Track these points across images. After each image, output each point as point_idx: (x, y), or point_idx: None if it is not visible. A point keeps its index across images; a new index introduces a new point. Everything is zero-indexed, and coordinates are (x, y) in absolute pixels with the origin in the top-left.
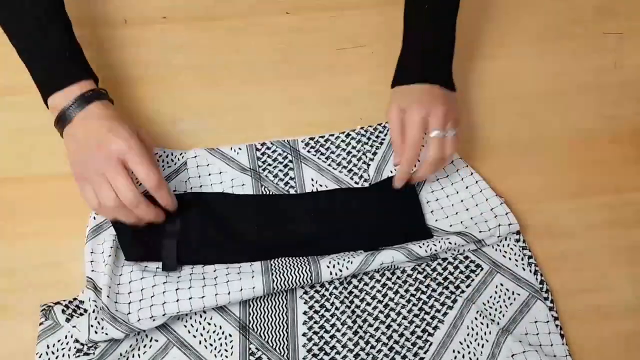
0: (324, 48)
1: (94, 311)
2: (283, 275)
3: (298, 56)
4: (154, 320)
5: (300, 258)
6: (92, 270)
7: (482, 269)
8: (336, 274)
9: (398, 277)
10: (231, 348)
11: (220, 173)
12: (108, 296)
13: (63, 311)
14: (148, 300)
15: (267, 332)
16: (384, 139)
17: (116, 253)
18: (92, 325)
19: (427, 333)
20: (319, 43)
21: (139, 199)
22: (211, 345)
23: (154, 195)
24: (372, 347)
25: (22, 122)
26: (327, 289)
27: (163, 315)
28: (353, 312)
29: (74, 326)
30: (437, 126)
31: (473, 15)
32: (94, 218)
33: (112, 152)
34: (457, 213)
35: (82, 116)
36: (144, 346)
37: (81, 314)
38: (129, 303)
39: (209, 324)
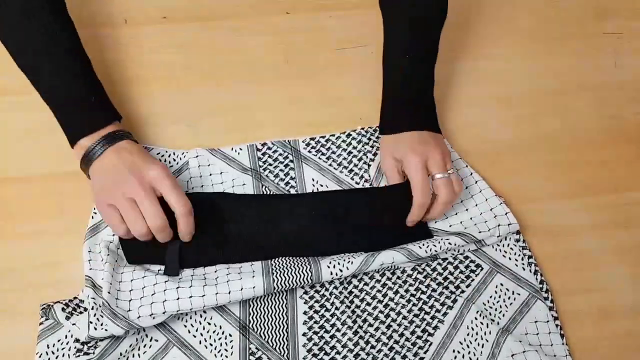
0: (324, 48)
1: (92, 308)
2: (283, 275)
3: (298, 56)
4: (153, 318)
5: (301, 258)
6: (90, 269)
7: (482, 269)
8: (336, 274)
9: (398, 277)
10: (231, 348)
11: (221, 173)
12: (109, 292)
13: (63, 309)
14: (149, 297)
15: (267, 332)
16: None
17: (116, 251)
18: (91, 322)
19: (427, 333)
20: (319, 43)
21: (165, 225)
22: (211, 345)
23: (179, 221)
24: (372, 347)
25: (22, 122)
26: (327, 289)
27: (163, 313)
28: (353, 312)
29: (73, 324)
30: (439, 169)
31: (473, 15)
32: (92, 217)
33: (147, 178)
34: (456, 213)
35: (113, 150)
36: (144, 346)
37: (81, 313)
38: (130, 300)
39: (209, 323)
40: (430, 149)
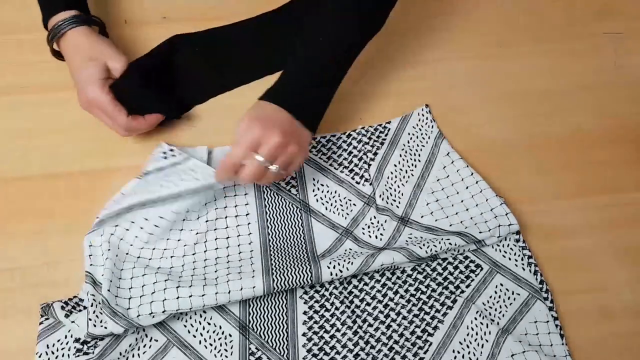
0: None
1: (92, 305)
2: (283, 275)
3: None
4: (153, 317)
5: (301, 258)
6: (91, 265)
7: (482, 269)
8: (336, 275)
9: (398, 277)
10: (231, 348)
11: None
12: (109, 290)
13: (62, 308)
14: (148, 296)
15: (267, 332)
16: (384, 139)
17: (118, 247)
18: (90, 319)
19: (426, 333)
20: None
21: (129, 123)
22: (211, 345)
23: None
24: (372, 347)
25: (22, 122)
26: (327, 289)
27: (163, 312)
28: (353, 312)
29: (73, 322)
30: (265, 154)
31: (473, 16)
32: (97, 217)
33: (87, 100)
34: (457, 213)
35: (63, 41)
36: (144, 346)
37: (80, 311)
38: (130, 298)
39: (209, 323)
40: (287, 136)
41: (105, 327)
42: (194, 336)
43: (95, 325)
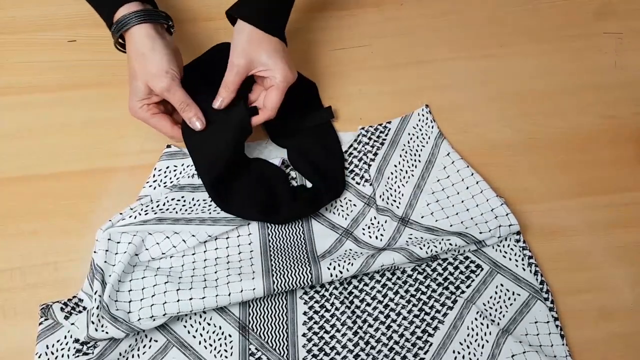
0: (324, 48)
1: (97, 307)
2: (283, 276)
3: (298, 56)
4: (154, 320)
5: (301, 259)
6: (105, 262)
7: (482, 270)
8: (337, 276)
9: (398, 278)
10: (231, 348)
11: None
12: (109, 296)
13: (62, 309)
14: (149, 299)
15: (267, 333)
16: (384, 139)
17: (134, 253)
18: (92, 322)
19: (427, 333)
20: (319, 43)
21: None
22: (211, 345)
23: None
24: (372, 347)
25: (23, 122)
26: (327, 289)
27: (163, 315)
28: (353, 312)
29: (72, 323)
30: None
31: (473, 15)
32: (121, 214)
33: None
34: (457, 213)
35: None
36: (144, 346)
37: (80, 312)
38: (130, 302)
39: (209, 324)
40: (289, 70)
41: (107, 332)
42: (194, 336)
43: (97, 330)
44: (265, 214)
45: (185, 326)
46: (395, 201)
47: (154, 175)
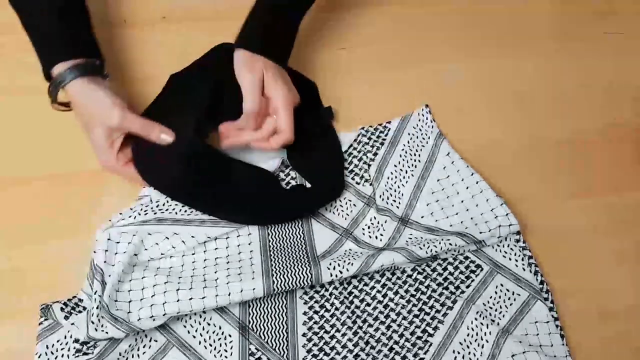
0: (324, 48)
1: (97, 307)
2: (283, 276)
3: (298, 56)
4: (154, 320)
5: (301, 259)
6: (105, 261)
7: (482, 270)
8: (336, 276)
9: (398, 278)
10: (231, 348)
11: None
12: (109, 296)
13: (62, 309)
14: (149, 299)
15: (267, 333)
16: (384, 139)
17: (133, 253)
18: (92, 322)
19: (426, 334)
20: (319, 43)
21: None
22: (211, 345)
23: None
24: (372, 347)
25: (23, 122)
26: (327, 289)
27: (163, 315)
28: (353, 312)
29: (72, 323)
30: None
31: (473, 16)
32: (120, 214)
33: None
34: (457, 213)
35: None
36: (144, 346)
37: (80, 312)
38: (130, 302)
39: (209, 324)
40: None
41: (107, 332)
42: (194, 337)
43: (96, 330)
44: (258, 216)
45: (185, 326)
46: (395, 201)
47: None
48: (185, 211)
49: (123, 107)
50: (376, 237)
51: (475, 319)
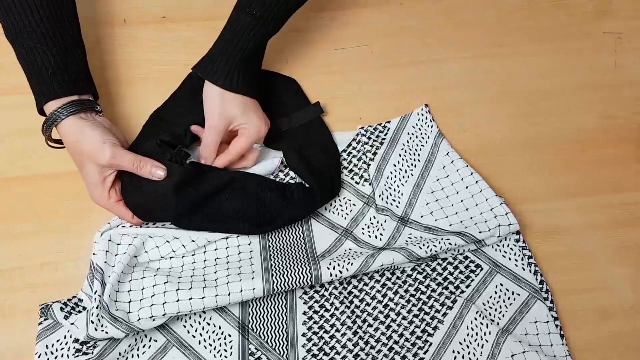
0: (324, 48)
1: (97, 307)
2: (283, 276)
3: (298, 56)
4: (154, 320)
5: (301, 259)
6: (105, 262)
7: (482, 269)
8: (336, 276)
9: (398, 278)
10: (231, 348)
11: None
12: (109, 296)
13: (62, 309)
14: (149, 300)
15: (267, 333)
16: (384, 139)
17: (134, 254)
18: (92, 322)
19: (426, 333)
20: (319, 43)
21: (130, 216)
22: (211, 345)
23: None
24: (372, 347)
25: (22, 122)
26: (327, 289)
27: (163, 315)
28: (353, 312)
29: (72, 323)
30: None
31: (473, 15)
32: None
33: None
34: (457, 213)
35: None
36: (144, 346)
37: (80, 312)
38: (130, 302)
39: (209, 324)
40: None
41: (107, 332)
42: (194, 337)
43: (96, 330)
44: (259, 226)
45: (185, 326)
46: (395, 201)
47: None
48: None
49: (114, 144)
50: (376, 237)
51: (475, 318)
